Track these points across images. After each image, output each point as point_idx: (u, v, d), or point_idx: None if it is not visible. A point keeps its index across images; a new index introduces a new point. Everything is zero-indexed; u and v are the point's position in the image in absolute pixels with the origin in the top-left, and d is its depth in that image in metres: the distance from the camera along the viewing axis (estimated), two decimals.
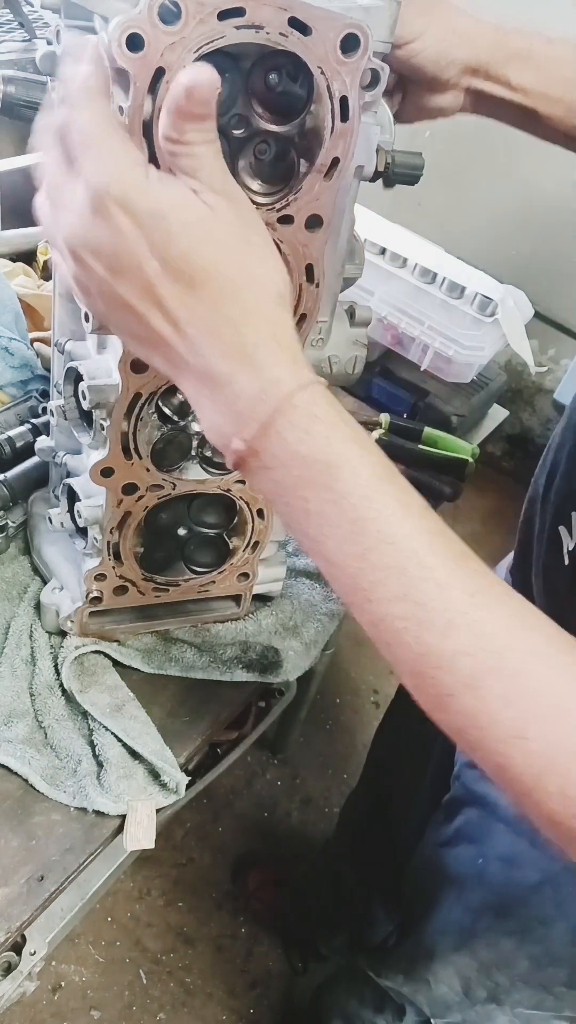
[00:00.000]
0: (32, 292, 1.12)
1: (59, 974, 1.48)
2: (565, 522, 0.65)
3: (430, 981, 0.91)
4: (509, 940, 0.78)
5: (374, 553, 0.42)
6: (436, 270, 1.28)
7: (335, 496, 0.42)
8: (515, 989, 0.80)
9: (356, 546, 0.42)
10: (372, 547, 0.42)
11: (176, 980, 1.52)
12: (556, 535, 0.67)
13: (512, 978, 0.80)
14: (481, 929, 0.81)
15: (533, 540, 0.75)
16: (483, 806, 0.80)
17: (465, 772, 0.84)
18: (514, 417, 2.60)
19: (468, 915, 0.83)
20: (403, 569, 0.42)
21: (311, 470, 0.43)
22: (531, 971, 0.78)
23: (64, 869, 0.70)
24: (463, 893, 0.83)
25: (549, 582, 0.70)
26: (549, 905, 0.74)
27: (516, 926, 0.77)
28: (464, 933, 0.83)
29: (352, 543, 0.42)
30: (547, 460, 0.74)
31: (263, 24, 0.49)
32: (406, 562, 0.42)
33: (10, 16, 1.37)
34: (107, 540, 0.75)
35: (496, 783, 0.42)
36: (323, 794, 1.84)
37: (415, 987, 0.96)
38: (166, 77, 0.48)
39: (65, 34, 0.56)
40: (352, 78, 0.53)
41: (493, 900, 0.79)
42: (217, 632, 0.89)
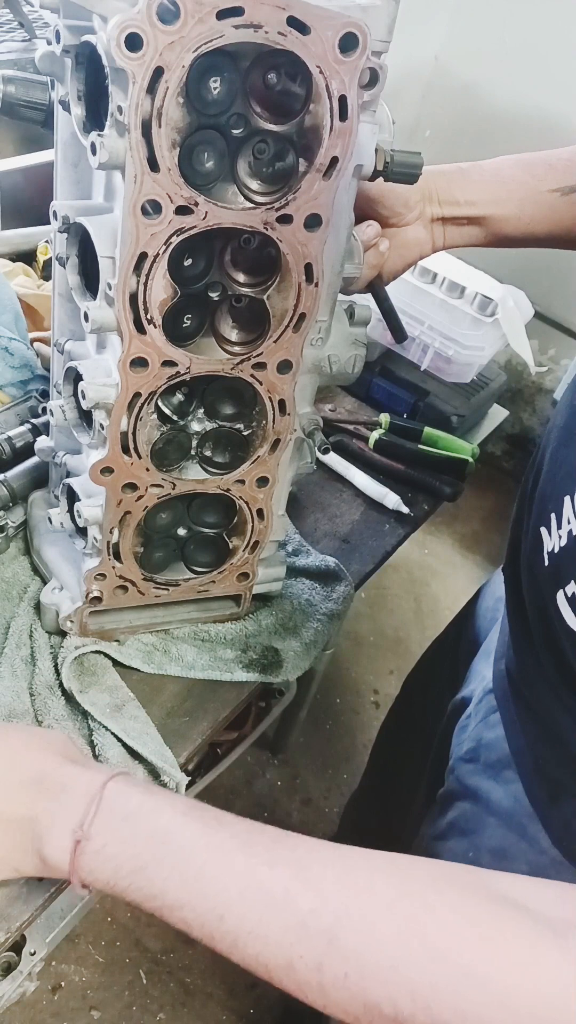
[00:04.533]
0: (32, 292, 1.12)
1: (59, 974, 1.48)
2: (546, 523, 0.65)
3: None
4: None
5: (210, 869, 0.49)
6: (436, 270, 1.28)
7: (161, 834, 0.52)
8: None
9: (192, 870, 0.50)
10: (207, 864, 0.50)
11: (176, 980, 1.52)
12: (538, 536, 0.67)
13: None
14: None
15: (521, 540, 0.75)
16: (475, 800, 0.80)
17: (459, 766, 0.84)
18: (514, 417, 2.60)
19: None
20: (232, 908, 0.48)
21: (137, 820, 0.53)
22: None
23: None
24: None
25: (534, 581, 0.70)
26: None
27: None
28: None
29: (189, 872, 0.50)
30: (534, 461, 0.75)
31: (262, 23, 0.49)
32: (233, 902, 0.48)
33: (10, 16, 1.37)
34: (107, 540, 0.75)
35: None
36: (323, 794, 1.84)
37: None
38: (165, 76, 0.48)
39: (64, 33, 0.56)
40: (351, 77, 0.53)
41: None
42: (217, 632, 0.89)
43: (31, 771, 0.55)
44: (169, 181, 0.53)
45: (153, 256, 0.56)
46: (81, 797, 0.52)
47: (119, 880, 0.51)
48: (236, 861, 0.49)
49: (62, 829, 0.52)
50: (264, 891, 0.47)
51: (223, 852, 0.49)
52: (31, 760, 0.55)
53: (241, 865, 0.48)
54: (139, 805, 0.52)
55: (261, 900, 0.47)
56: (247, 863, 0.48)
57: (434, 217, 0.78)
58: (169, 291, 0.59)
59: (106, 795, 0.52)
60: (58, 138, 0.66)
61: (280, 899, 0.47)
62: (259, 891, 0.47)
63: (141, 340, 0.61)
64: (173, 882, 0.49)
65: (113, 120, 0.51)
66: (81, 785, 0.53)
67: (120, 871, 0.51)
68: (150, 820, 0.51)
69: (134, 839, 0.51)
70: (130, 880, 0.51)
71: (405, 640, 2.18)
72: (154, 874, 0.50)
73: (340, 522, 1.09)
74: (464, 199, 0.78)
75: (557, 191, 0.78)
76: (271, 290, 0.64)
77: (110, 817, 0.51)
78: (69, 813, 0.52)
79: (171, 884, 0.49)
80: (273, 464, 0.75)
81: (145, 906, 0.51)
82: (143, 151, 0.51)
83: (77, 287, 0.66)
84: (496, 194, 0.79)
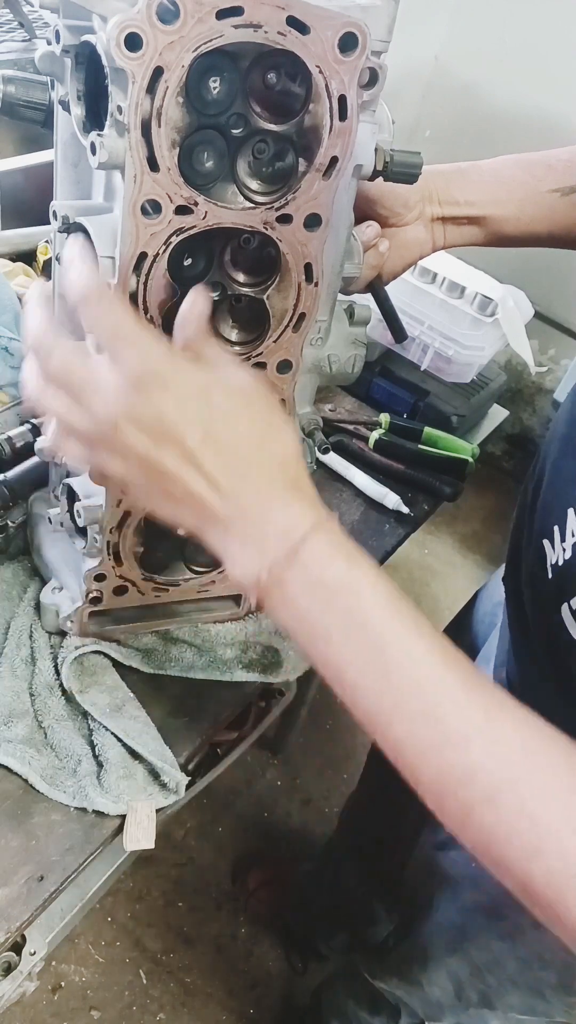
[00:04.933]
0: None
1: (59, 974, 1.48)
2: (548, 535, 0.65)
3: (423, 983, 0.91)
4: (500, 942, 0.78)
5: (395, 674, 0.45)
6: (436, 270, 1.28)
7: (357, 620, 0.46)
8: (506, 992, 0.80)
9: (378, 667, 0.46)
10: (393, 668, 0.45)
11: (176, 980, 1.52)
12: (540, 548, 0.67)
13: (503, 980, 0.80)
14: (473, 930, 0.81)
15: (522, 549, 0.75)
16: None
17: None
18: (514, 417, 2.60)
19: (461, 916, 0.83)
20: (423, 688, 0.45)
21: (333, 596, 0.47)
22: (521, 973, 0.78)
23: (64, 869, 0.70)
24: (457, 894, 0.83)
25: (536, 593, 0.69)
26: None
27: (508, 928, 0.77)
28: (457, 934, 0.83)
29: (374, 664, 0.46)
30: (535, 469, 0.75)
31: (261, 23, 0.49)
32: (425, 681, 0.45)
33: (10, 16, 1.37)
34: (107, 540, 0.75)
35: (523, 901, 0.44)
36: (323, 794, 1.84)
37: (409, 989, 0.96)
38: (164, 76, 0.48)
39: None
40: (350, 77, 0.52)
41: (486, 902, 0.79)
42: (217, 632, 0.89)
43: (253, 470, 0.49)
44: (169, 181, 0.53)
45: (153, 256, 0.56)
46: (279, 539, 0.48)
47: (302, 632, 0.49)
48: (425, 680, 0.45)
49: (253, 559, 0.48)
50: (445, 724, 0.44)
51: (415, 664, 0.46)
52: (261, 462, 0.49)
53: (430, 687, 0.45)
54: (339, 577, 0.47)
55: (439, 731, 0.44)
56: (436, 688, 0.45)
57: (434, 217, 0.78)
58: (169, 291, 0.59)
59: (304, 553, 0.47)
60: (58, 138, 0.66)
61: (457, 739, 0.44)
62: (439, 722, 0.44)
63: None
64: (356, 667, 0.46)
65: (113, 120, 0.51)
66: (283, 524, 0.48)
67: (304, 626, 0.48)
68: (349, 598, 0.47)
69: (327, 608, 0.47)
70: (312, 639, 0.48)
71: None
72: (338, 649, 0.47)
73: (340, 522, 1.08)
74: (463, 199, 0.78)
75: (557, 191, 0.78)
76: (271, 290, 0.64)
77: (305, 576, 0.47)
78: (263, 547, 0.48)
79: (353, 668, 0.47)
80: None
81: (314, 662, 0.49)
82: (143, 151, 0.51)
83: None
84: (496, 194, 0.79)
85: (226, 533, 0.49)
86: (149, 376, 0.47)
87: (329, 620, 0.47)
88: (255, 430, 0.49)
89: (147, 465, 0.48)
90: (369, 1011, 1.12)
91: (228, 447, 0.48)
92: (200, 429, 0.47)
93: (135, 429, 0.47)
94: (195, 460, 0.47)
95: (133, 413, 0.47)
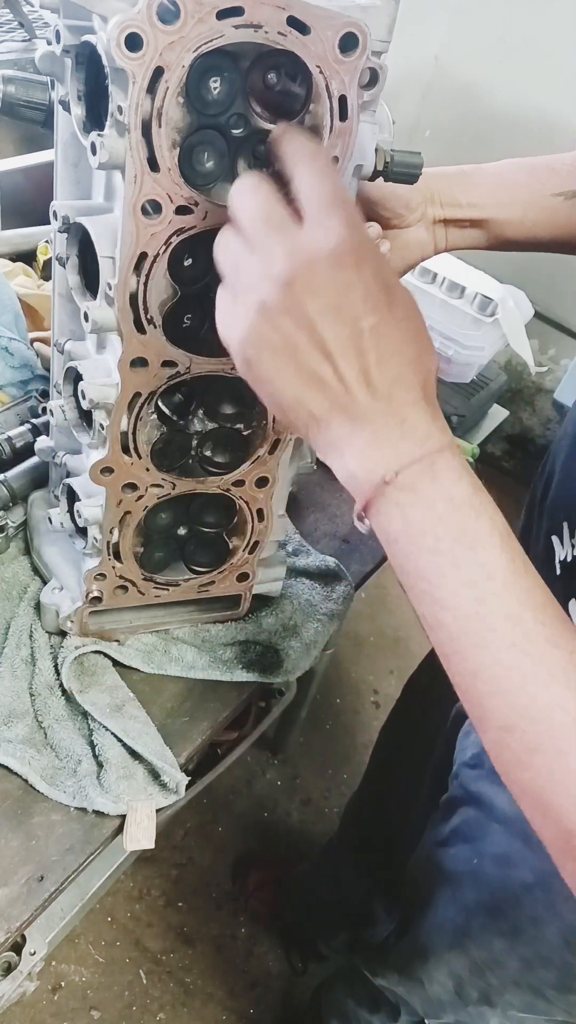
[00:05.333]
0: (32, 292, 1.12)
1: (59, 974, 1.48)
2: (557, 532, 0.65)
3: (424, 981, 0.91)
4: (501, 940, 0.78)
5: (496, 599, 0.45)
6: (436, 270, 1.28)
7: (470, 540, 0.46)
8: (506, 990, 0.80)
9: (479, 590, 0.45)
10: (496, 593, 0.45)
11: (176, 980, 1.52)
12: (549, 544, 0.67)
13: (503, 979, 0.80)
14: (474, 928, 0.81)
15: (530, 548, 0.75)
16: (479, 806, 0.80)
17: (463, 772, 0.84)
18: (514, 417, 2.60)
19: (462, 914, 0.83)
20: (520, 620, 0.44)
21: (454, 512, 0.46)
22: (522, 972, 0.78)
23: (64, 869, 0.70)
24: (458, 892, 0.83)
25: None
26: (541, 906, 0.74)
27: (508, 926, 0.77)
28: (458, 932, 0.83)
29: (476, 587, 0.45)
30: (544, 468, 0.75)
31: (262, 23, 0.49)
32: (524, 613, 0.45)
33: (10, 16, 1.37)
34: (107, 540, 0.75)
35: (559, 854, 0.43)
36: (323, 794, 1.84)
37: (409, 987, 0.96)
38: (165, 76, 0.48)
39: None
40: (351, 77, 0.53)
41: (487, 899, 0.79)
42: (217, 632, 0.89)
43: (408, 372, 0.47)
44: (169, 181, 0.53)
45: (153, 256, 0.56)
46: (416, 443, 0.46)
47: (406, 543, 0.47)
48: (522, 613, 0.45)
49: (382, 458, 0.47)
50: (532, 659, 0.44)
51: (515, 596, 0.45)
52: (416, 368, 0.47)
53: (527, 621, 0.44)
54: (466, 495, 0.46)
55: (525, 664, 0.44)
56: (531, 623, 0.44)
57: (436, 219, 0.78)
58: (169, 291, 0.59)
59: (440, 463, 0.46)
60: (58, 138, 0.66)
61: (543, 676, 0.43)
62: (526, 656, 0.44)
63: (141, 340, 0.61)
64: (454, 586, 0.45)
65: (113, 120, 0.51)
66: (424, 430, 0.47)
67: (412, 536, 0.47)
68: (468, 517, 0.46)
69: (444, 522, 0.46)
70: (416, 551, 0.47)
71: (405, 640, 2.18)
72: (442, 564, 0.46)
73: (340, 522, 1.09)
74: (466, 201, 0.78)
75: (560, 195, 0.78)
76: None
77: (434, 487, 0.46)
78: (395, 449, 0.47)
79: (451, 586, 0.46)
80: (273, 464, 0.75)
81: (407, 578, 0.48)
82: (143, 151, 0.51)
83: (77, 287, 0.66)
84: (499, 197, 0.79)
85: (357, 427, 0.47)
86: (351, 247, 0.45)
87: (442, 532, 0.46)
88: (420, 339, 0.48)
89: (302, 335, 0.46)
90: (369, 1009, 1.13)
91: (394, 344, 0.46)
92: (377, 318, 0.45)
93: (309, 292, 0.45)
94: (360, 345, 0.46)
95: (316, 278, 0.45)
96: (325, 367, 0.46)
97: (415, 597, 0.48)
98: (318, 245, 0.45)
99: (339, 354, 0.46)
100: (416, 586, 0.47)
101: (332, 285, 0.45)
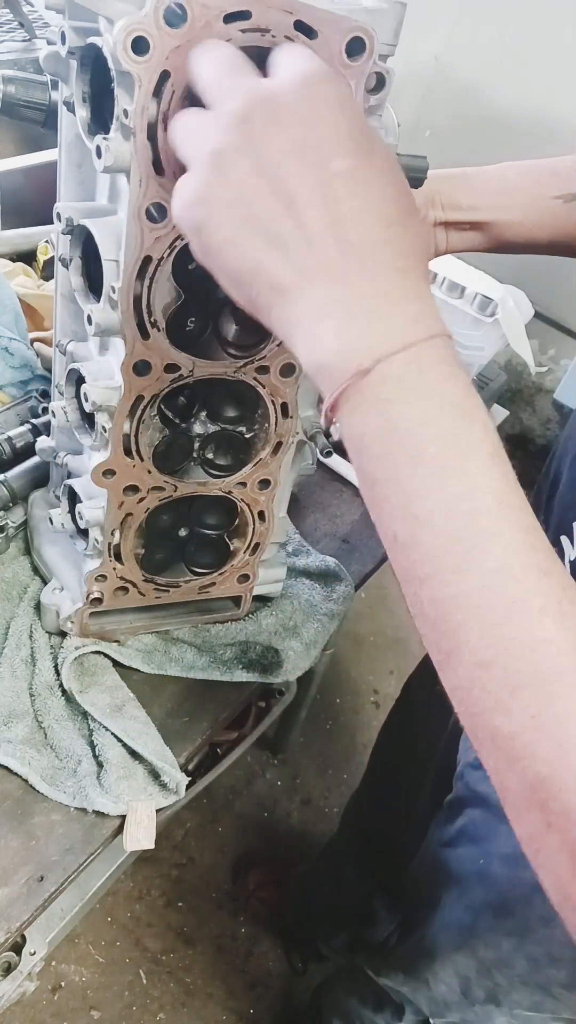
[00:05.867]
0: (32, 292, 1.12)
1: (59, 974, 1.48)
2: (567, 531, 0.66)
3: (429, 980, 0.91)
4: (509, 940, 0.79)
5: (486, 517, 0.38)
6: (436, 270, 1.28)
7: (461, 449, 0.38)
8: (514, 990, 0.81)
9: (467, 505, 0.38)
10: (486, 510, 0.38)
11: (176, 980, 1.52)
12: (558, 544, 0.67)
13: (511, 978, 0.80)
14: (481, 928, 0.81)
15: None
16: (486, 806, 0.80)
17: (468, 772, 0.84)
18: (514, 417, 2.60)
19: (469, 914, 0.83)
20: (511, 542, 0.38)
21: (444, 414, 0.38)
22: (530, 972, 0.78)
23: (64, 869, 0.70)
24: (464, 892, 0.83)
25: None
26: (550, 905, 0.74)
27: (516, 926, 0.77)
28: (464, 932, 0.84)
29: (463, 502, 0.38)
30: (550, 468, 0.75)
31: (269, 27, 0.49)
32: (515, 535, 0.38)
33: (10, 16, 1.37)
34: (108, 541, 0.75)
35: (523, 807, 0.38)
36: (323, 794, 1.84)
37: (414, 986, 0.97)
38: (171, 80, 0.48)
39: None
40: (357, 81, 0.52)
41: (494, 899, 0.79)
42: (217, 632, 0.89)
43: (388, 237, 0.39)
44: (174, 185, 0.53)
45: (157, 260, 0.56)
46: (408, 327, 0.38)
47: (378, 450, 0.39)
48: (511, 536, 0.38)
49: (368, 340, 0.38)
50: (522, 587, 0.37)
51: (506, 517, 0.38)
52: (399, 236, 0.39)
53: (515, 544, 0.38)
54: (456, 395, 0.39)
55: (513, 591, 0.37)
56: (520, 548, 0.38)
57: (436, 221, 0.78)
58: (173, 295, 0.59)
59: (428, 353, 0.39)
60: (62, 139, 0.66)
61: (531, 607, 0.37)
62: (516, 582, 0.37)
63: (144, 343, 0.61)
64: (437, 497, 0.38)
65: (118, 123, 0.51)
66: (407, 309, 0.39)
67: (391, 439, 0.39)
68: (458, 420, 0.39)
69: (430, 423, 0.38)
70: (394, 457, 0.39)
71: (405, 640, 2.18)
72: (425, 472, 0.38)
73: (340, 522, 1.09)
74: (467, 204, 0.78)
75: (560, 198, 0.78)
76: None
77: (421, 379, 0.38)
78: (388, 330, 0.38)
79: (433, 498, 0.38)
80: (275, 467, 0.75)
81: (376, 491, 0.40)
82: (148, 155, 0.51)
83: (80, 289, 0.66)
84: (500, 200, 0.79)
85: (326, 297, 0.39)
86: (323, 77, 0.38)
87: (428, 437, 0.38)
88: (405, 198, 0.39)
89: (265, 179, 0.38)
90: (373, 1009, 1.13)
91: (374, 196, 0.38)
92: (352, 161, 0.37)
93: (272, 127, 0.37)
94: (330, 192, 0.37)
95: (282, 108, 0.37)
96: (286, 221, 0.38)
97: (385, 512, 0.40)
98: (284, 77, 0.38)
99: (304, 203, 0.37)
100: (389, 499, 0.40)
101: (297, 117, 0.37)
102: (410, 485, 0.39)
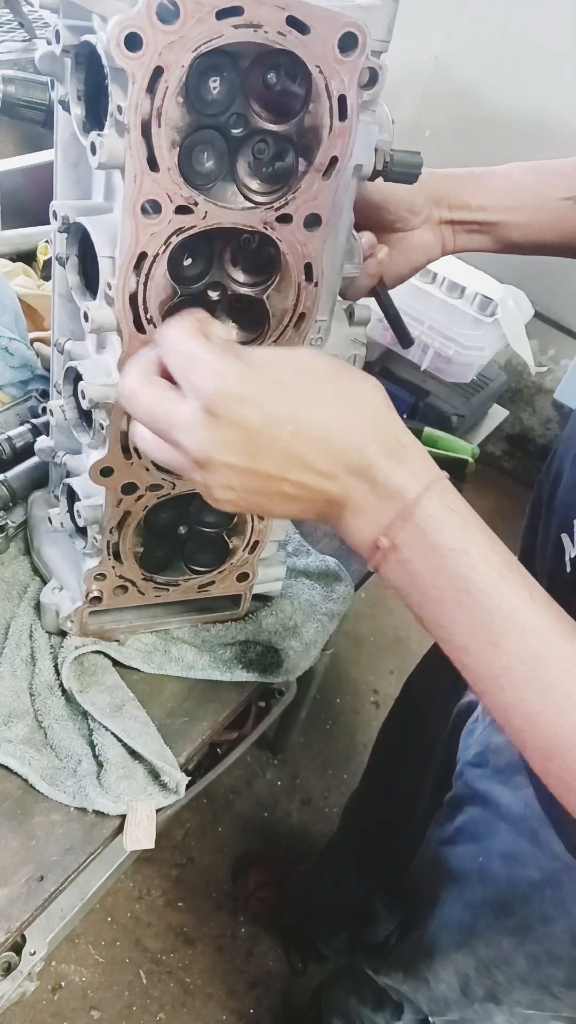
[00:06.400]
0: (32, 292, 1.12)
1: (59, 974, 1.48)
2: (567, 530, 0.65)
3: (429, 979, 0.91)
4: (509, 938, 0.78)
5: (506, 639, 0.46)
6: (436, 270, 1.28)
7: (468, 584, 0.47)
8: (513, 988, 0.80)
9: (488, 633, 0.46)
10: (504, 633, 0.46)
11: (176, 980, 1.52)
12: (559, 542, 0.67)
13: (511, 977, 0.80)
14: (481, 927, 0.81)
15: (537, 547, 0.75)
16: (485, 804, 0.80)
17: (467, 770, 0.84)
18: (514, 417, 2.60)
19: (468, 913, 0.83)
20: (536, 654, 0.46)
21: (444, 560, 0.47)
22: (530, 970, 0.78)
23: (64, 869, 0.70)
24: (464, 891, 0.83)
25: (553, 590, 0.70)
26: (550, 903, 0.74)
27: (516, 924, 0.77)
28: (464, 931, 0.83)
29: (485, 630, 0.46)
30: (551, 467, 0.75)
31: (261, 23, 0.49)
32: (538, 648, 0.46)
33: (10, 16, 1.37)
34: (107, 540, 0.75)
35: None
36: (323, 794, 1.84)
37: (414, 985, 0.96)
38: (164, 76, 0.48)
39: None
40: (350, 77, 0.52)
41: (494, 898, 0.79)
42: (217, 632, 0.89)
43: (350, 442, 0.48)
44: (169, 181, 0.53)
45: (153, 256, 0.56)
46: (392, 502, 0.48)
47: (415, 595, 0.49)
48: (534, 647, 0.46)
49: (369, 525, 0.49)
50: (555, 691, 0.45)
51: (523, 631, 0.47)
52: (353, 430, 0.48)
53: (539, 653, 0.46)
54: (452, 539, 0.48)
55: (549, 696, 0.46)
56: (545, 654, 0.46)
57: (442, 220, 0.78)
58: (169, 291, 0.59)
59: (419, 515, 0.48)
60: (58, 138, 0.66)
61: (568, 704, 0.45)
62: (549, 688, 0.46)
63: (141, 340, 0.61)
64: (466, 631, 0.47)
65: (113, 120, 0.51)
66: (394, 487, 0.48)
67: (418, 589, 0.49)
68: (460, 562, 0.47)
69: (439, 571, 0.48)
70: (425, 602, 0.49)
71: (405, 640, 2.18)
72: (450, 613, 0.48)
73: None
74: (476, 204, 0.77)
75: (569, 199, 0.77)
76: (271, 290, 0.64)
77: (420, 539, 0.48)
78: (377, 514, 0.49)
79: (463, 632, 0.48)
80: None
81: (426, 626, 0.50)
82: (143, 151, 0.51)
83: (77, 287, 0.66)
84: (508, 201, 0.78)
85: (343, 510, 0.50)
86: (222, 396, 0.46)
87: (442, 583, 0.47)
88: (339, 402, 0.48)
89: (254, 479, 0.48)
90: (372, 1008, 1.13)
91: (319, 430, 0.47)
92: (289, 425, 0.46)
93: (229, 452, 0.47)
94: (293, 455, 0.47)
95: (221, 438, 0.46)
96: (287, 486, 0.48)
97: (439, 641, 0.49)
98: (197, 418, 0.46)
99: (286, 473, 0.48)
100: (435, 633, 0.49)
101: (235, 436, 0.46)
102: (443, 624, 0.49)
